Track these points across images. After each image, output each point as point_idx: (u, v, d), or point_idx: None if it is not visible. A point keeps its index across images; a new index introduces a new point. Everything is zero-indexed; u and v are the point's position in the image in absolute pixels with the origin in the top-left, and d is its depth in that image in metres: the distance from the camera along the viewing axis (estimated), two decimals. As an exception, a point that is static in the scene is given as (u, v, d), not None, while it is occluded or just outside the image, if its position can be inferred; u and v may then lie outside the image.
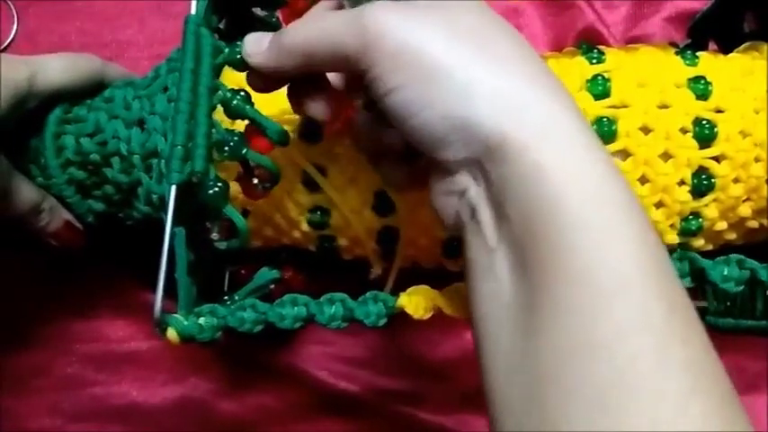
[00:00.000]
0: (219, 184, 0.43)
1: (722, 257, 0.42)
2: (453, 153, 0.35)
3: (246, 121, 0.44)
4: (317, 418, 0.61)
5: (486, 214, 0.35)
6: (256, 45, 0.41)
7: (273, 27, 0.52)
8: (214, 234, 0.45)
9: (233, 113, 0.43)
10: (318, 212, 0.49)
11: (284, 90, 0.43)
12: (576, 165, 0.33)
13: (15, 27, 0.64)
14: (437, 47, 0.34)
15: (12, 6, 0.65)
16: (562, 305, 0.31)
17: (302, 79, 0.41)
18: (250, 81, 0.42)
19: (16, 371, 0.61)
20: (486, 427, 0.60)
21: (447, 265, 0.51)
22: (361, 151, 0.45)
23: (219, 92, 0.43)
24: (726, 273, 0.42)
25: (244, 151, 0.43)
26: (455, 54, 0.34)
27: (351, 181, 0.48)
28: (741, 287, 0.42)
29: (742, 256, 0.42)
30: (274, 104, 0.46)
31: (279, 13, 0.51)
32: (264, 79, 0.42)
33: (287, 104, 0.43)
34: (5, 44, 0.64)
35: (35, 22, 0.65)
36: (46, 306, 0.61)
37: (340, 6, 0.40)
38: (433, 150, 0.35)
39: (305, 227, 0.49)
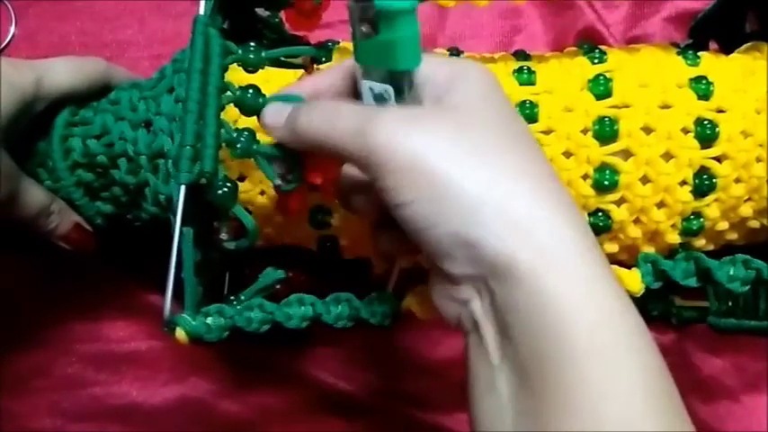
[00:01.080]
0: (228, 185, 0.43)
1: (728, 257, 0.42)
2: (459, 267, 0.34)
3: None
4: (317, 418, 0.61)
5: (489, 331, 0.35)
6: (274, 119, 0.41)
7: (276, 27, 0.52)
8: (223, 234, 0.45)
9: (248, 110, 0.43)
10: (320, 212, 0.49)
11: (291, 74, 0.44)
12: (584, 293, 0.33)
13: (13, 28, 0.64)
14: (443, 163, 0.34)
15: (10, 7, 0.64)
16: None
17: None
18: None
19: (16, 371, 0.61)
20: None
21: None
22: (359, 216, 0.44)
23: (229, 92, 0.43)
24: (732, 273, 0.42)
25: (255, 147, 0.43)
26: (461, 169, 0.34)
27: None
28: (747, 287, 0.42)
29: (748, 257, 0.42)
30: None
31: (282, 14, 0.51)
32: None
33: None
34: (5, 44, 0.64)
35: (35, 22, 0.65)
36: (46, 306, 0.61)
37: (350, 72, 0.40)
38: (438, 260, 0.35)
39: (306, 226, 0.49)
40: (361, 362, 0.61)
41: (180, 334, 0.42)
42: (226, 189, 0.43)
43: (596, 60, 0.48)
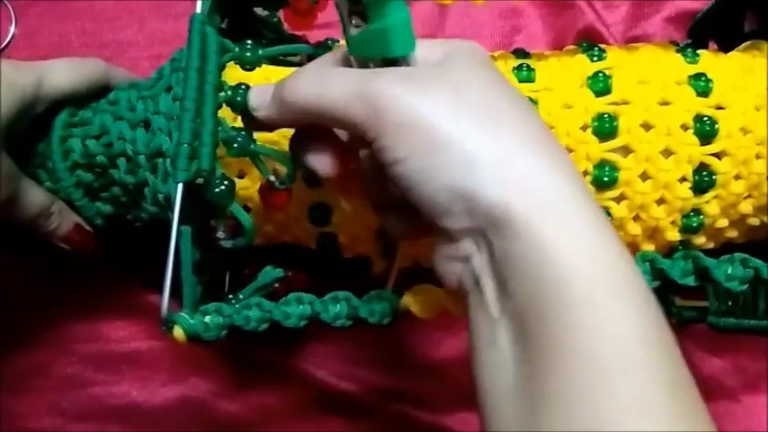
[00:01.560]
0: (226, 183, 0.43)
1: (726, 256, 0.42)
2: (457, 222, 0.34)
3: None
4: (317, 417, 0.61)
5: (489, 284, 0.35)
6: (260, 98, 0.40)
7: (274, 27, 0.52)
8: (220, 233, 0.45)
9: (239, 109, 0.43)
10: (319, 209, 0.49)
11: (289, 72, 0.43)
12: (580, 242, 0.33)
13: (13, 28, 0.64)
14: (442, 119, 0.34)
15: (10, 7, 0.64)
16: (566, 384, 0.31)
17: (306, 128, 0.40)
18: (249, 125, 0.42)
19: (16, 371, 0.61)
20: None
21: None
22: (365, 198, 0.44)
23: (224, 90, 0.43)
24: (730, 271, 0.42)
25: (252, 147, 0.43)
26: (459, 126, 0.34)
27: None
28: (745, 286, 0.42)
29: (746, 255, 0.42)
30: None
31: (281, 13, 0.51)
32: (263, 126, 0.41)
33: None
34: (5, 44, 0.64)
35: (35, 22, 0.65)
36: (46, 306, 0.61)
37: (344, 60, 0.39)
38: (437, 218, 0.35)
39: (306, 224, 0.49)
40: (361, 362, 0.61)
41: (178, 332, 0.41)
42: (223, 187, 0.43)
43: (596, 58, 0.48)
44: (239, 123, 0.44)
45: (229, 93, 0.42)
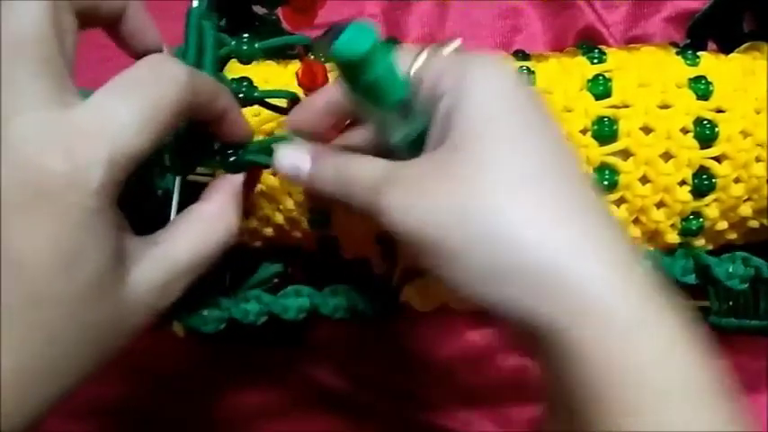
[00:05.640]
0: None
1: (727, 255, 0.42)
2: (508, 326, 0.31)
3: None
4: (317, 417, 0.61)
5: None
6: (293, 170, 0.38)
7: (273, 25, 0.52)
8: None
9: (243, 102, 0.43)
10: (319, 213, 0.49)
11: (285, 72, 0.45)
12: (630, 352, 0.28)
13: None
14: (450, 236, 0.31)
15: (10, 6, 0.64)
16: None
17: None
18: None
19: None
20: (486, 426, 0.60)
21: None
22: None
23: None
24: (731, 270, 0.42)
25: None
26: (468, 245, 0.30)
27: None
28: (746, 285, 0.42)
29: (747, 254, 0.42)
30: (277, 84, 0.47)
31: (279, 11, 0.51)
32: None
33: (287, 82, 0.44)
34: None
35: (35, 22, 0.65)
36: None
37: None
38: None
39: (306, 227, 0.49)
40: (361, 361, 0.61)
41: (176, 326, 0.42)
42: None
43: (596, 60, 0.48)
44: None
45: (233, 86, 0.43)
